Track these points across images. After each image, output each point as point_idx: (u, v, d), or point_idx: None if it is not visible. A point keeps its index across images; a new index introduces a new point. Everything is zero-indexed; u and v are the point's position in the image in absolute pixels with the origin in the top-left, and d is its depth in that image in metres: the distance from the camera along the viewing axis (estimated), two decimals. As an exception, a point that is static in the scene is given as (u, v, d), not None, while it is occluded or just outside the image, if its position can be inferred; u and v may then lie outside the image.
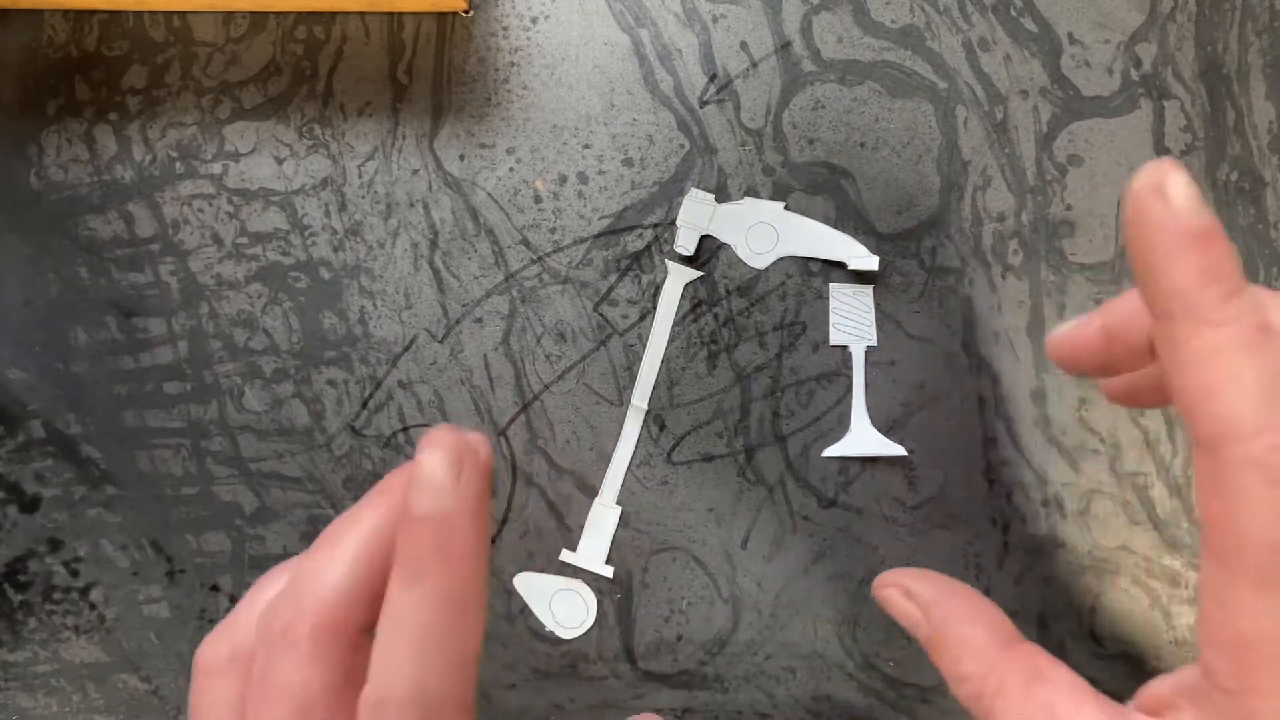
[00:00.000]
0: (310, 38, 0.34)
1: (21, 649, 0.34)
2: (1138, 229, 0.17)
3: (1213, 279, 0.16)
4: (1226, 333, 0.16)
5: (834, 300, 0.33)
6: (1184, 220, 0.16)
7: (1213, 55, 0.33)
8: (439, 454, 0.17)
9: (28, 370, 0.34)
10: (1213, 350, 0.16)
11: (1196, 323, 0.16)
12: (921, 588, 0.22)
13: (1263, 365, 0.16)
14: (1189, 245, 0.16)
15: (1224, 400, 0.16)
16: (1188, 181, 0.16)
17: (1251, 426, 0.16)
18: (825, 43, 0.33)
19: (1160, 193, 0.16)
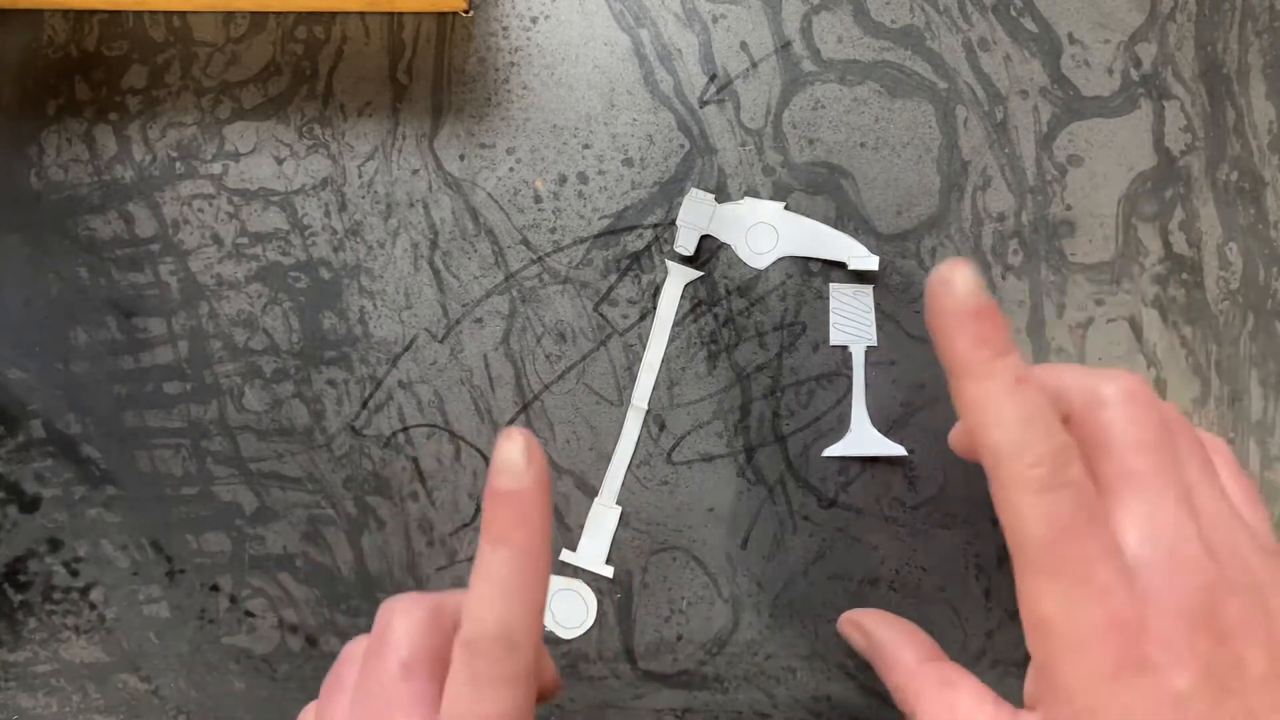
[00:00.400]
0: (310, 38, 0.34)
1: (21, 649, 0.34)
2: (931, 311, 0.22)
3: (983, 344, 0.21)
4: (993, 384, 0.21)
5: (834, 300, 0.33)
6: (961, 303, 0.22)
7: (1213, 55, 0.33)
8: (514, 443, 0.22)
9: (28, 370, 0.34)
10: (985, 396, 0.21)
11: (971, 378, 0.22)
12: (867, 621, 0.29)
13: (1019, 404, 0.21)
14: (965, 321, 0.22)
15: (994, 432, 0.21)
16: (969, 273, 0.22)
17: (1013, 451, 0.21)
18: (825, 43, 0.33)
19: (947, 283, 0.22)
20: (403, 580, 0.33)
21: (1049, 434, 0.21)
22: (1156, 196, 0.33)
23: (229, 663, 0.34)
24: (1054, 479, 0.21)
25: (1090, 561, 0.21)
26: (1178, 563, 0.21)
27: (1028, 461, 0.21)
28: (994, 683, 0.24)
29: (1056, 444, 0.21)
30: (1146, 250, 0.33)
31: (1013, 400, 0.21)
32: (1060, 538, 0.21)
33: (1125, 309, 0.33)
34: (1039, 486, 0.21)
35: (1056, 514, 0.21)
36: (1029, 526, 0.21)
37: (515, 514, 0.22)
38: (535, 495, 0.22)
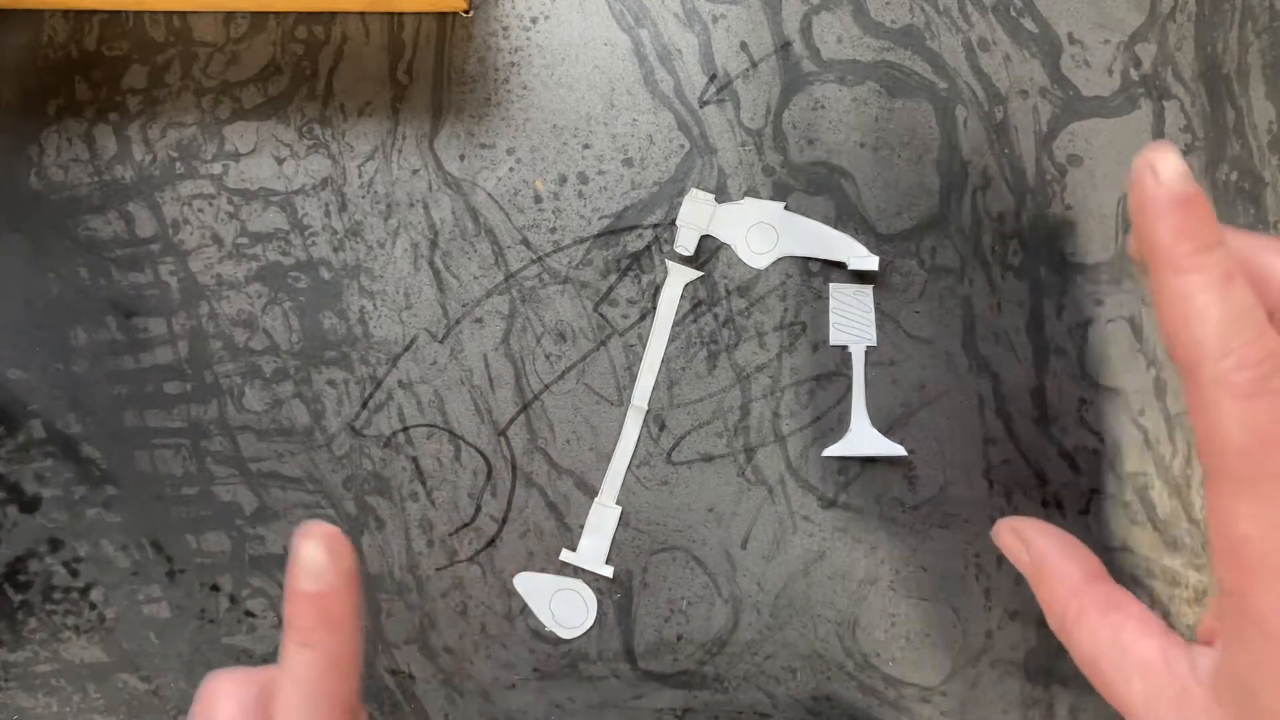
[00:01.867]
0: (310, 38, 0.34)
1: (21, 649, 0.34)
2: (1134, 197, 0.21)
3: (1188, 236, 0.20)
4: (1197, 278, 0.20)
5: (834, 300, 0.33)
6: (1167, 191, 0.20)
7: (1213, 55, 0.33)
8: (315, 542, 0.22)
9: (28, 370, 0.34)
10: (1186, 292, 0.20)
11: (1174, 271, 0.20)
12: (1029, 530, 0.26)
13: (1226, 301, 0.20)
14: (1170, 210, 0.20)
15: (1194, 330, 0.20)
16: (1175, 159, 0.20)
17: (1218, 351, 0.19)
18: (825, 43, 0.33)
19: (1152, 168, 0.20)
20: (403, 580, 0.33)
21: (1258, 336, 0.19)
22: (1156, 196, 0.33)
23: (229, 663, 0.34)
24: (1261, 384, 0.19)
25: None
26: None
27: (1232, 363, 0.19)
28: (994, 682, 0.24)
29: (1266, 347, 0.19)
30: (1146, 250, 0.33)
31: (1219, 297, 0.20)
32: (1264, 449, 0.19)
33: (1125, 309, 0.33)
34: (1244, 391, 0.19)
35: (1261, 422, 0.19)
36: (1229, 433, 0.19)
37: (319, 616, 0.22)
38: (340, 596, 0.22)
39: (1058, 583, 0.24)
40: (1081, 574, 0.24)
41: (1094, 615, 0.23)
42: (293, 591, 0.22)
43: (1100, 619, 0.23)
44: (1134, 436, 0.33)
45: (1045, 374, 0.33)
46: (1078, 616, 0.23)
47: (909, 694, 0.33)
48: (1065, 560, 0.24)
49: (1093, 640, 0.22)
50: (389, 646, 0.33)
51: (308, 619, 0.22)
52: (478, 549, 0.33)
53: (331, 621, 0.22)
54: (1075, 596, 0.23)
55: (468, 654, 0.33)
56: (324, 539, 0.22)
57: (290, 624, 0.22)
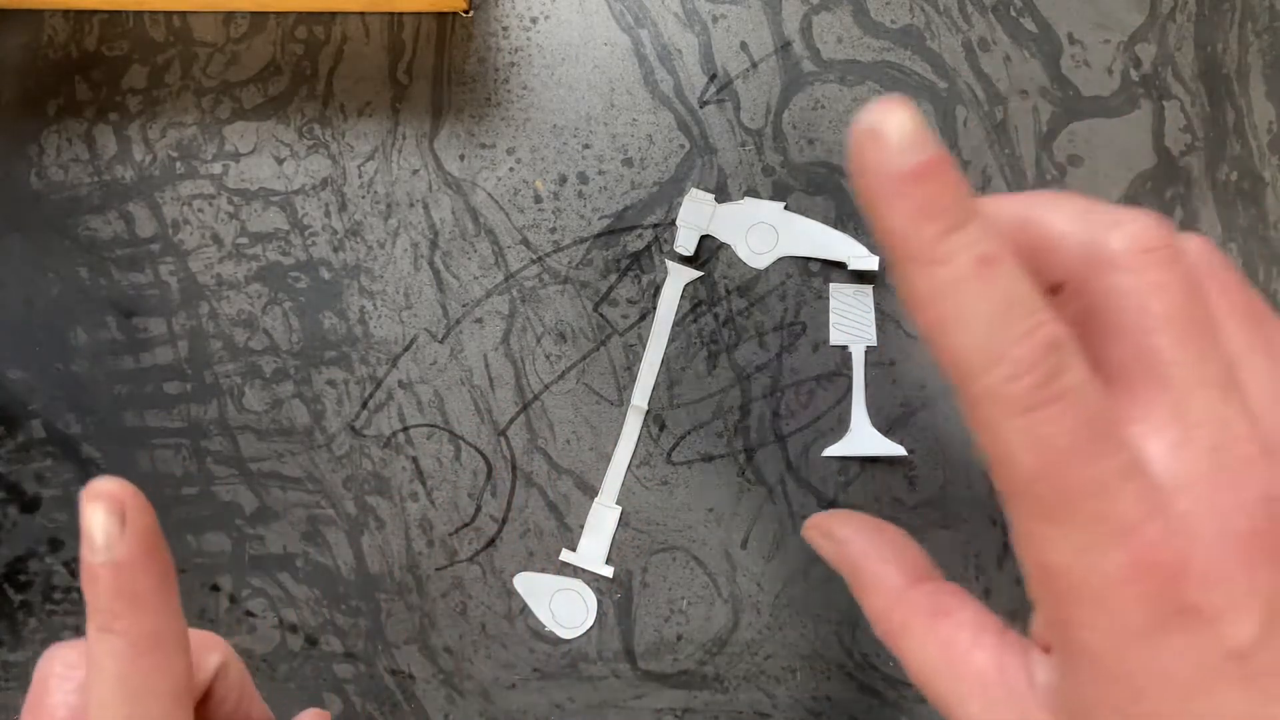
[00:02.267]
0: (310, 38, 0.34)
1: (21, 649, 0.34)
2: (857, 175, 0.16)
3: (929, 217, 0.16)
4: (947, 270, 0.16)
5: (834, 300, 0.33)
6: (897, 161, 0.15)
7: (1213, 55, 0.33)
8: (100, 505, 0.18)
9: (28, 370, 0.34)
10: (937, 289, 0.16)
11: (917, 263, 0.16)
12: (839, 528, 0.22)
13: (985, 296, 0.15)
14: (903, 187, 0.16)
15: (954, 337, 0.16)
16: (904, 119, 0.15)
17: (985, 359, 0.15)
18: (825, 43, 0.33)
19: (875, 135, 0.16)
20: (403, 580, 0.33)
21: (1033, 329, 0.15)
22: (1156, 196, 0.33)
23: (229, 663, 0.34)
24: (1042, 392, 0.15)
25: (1103, 490, 0.15)
26: (1224, 471, 0.16)
27: (1005, 374, 0.15)
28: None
29: (1043, 341, 0.15)
30: (1146, 250, 0.33)
31: (978, 291, 0.15)
32: (1058, 466, 0.15)
33: (1125, 309, 0.33)
34: (1023, 405, 0.15)
35: (1050, 436, 0.15)
36: (1015, 455, 0.16)
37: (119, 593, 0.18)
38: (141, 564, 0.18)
39: (876, 591, 0.21)
40: (903, 577, 0.20)
41: (920, 626, 0.19)
42: (83, 568, 0.18)
43: (928, 630, 0.19)
44: (1134, 436, 0.33)
45: (1045, 374, 0.33)
46: (903, 628, 0.20)
47: (909, 694, 0.33)
48: (883, 562, 0.21)
49: (922, 654, 0.19)
50: (389, 646, 0.33)
51: (104, 598, 0.18)
52: (478, 549, 0.33)
53: (133, 597, 0.18)
54: (898, 605, 0.20)
55: (468, 654, 0.33)
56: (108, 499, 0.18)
57: (89, 607, 0.18)
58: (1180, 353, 0.16)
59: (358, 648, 0.33)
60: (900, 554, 0.21)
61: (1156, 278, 0.16)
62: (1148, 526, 0.15)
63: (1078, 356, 0.16)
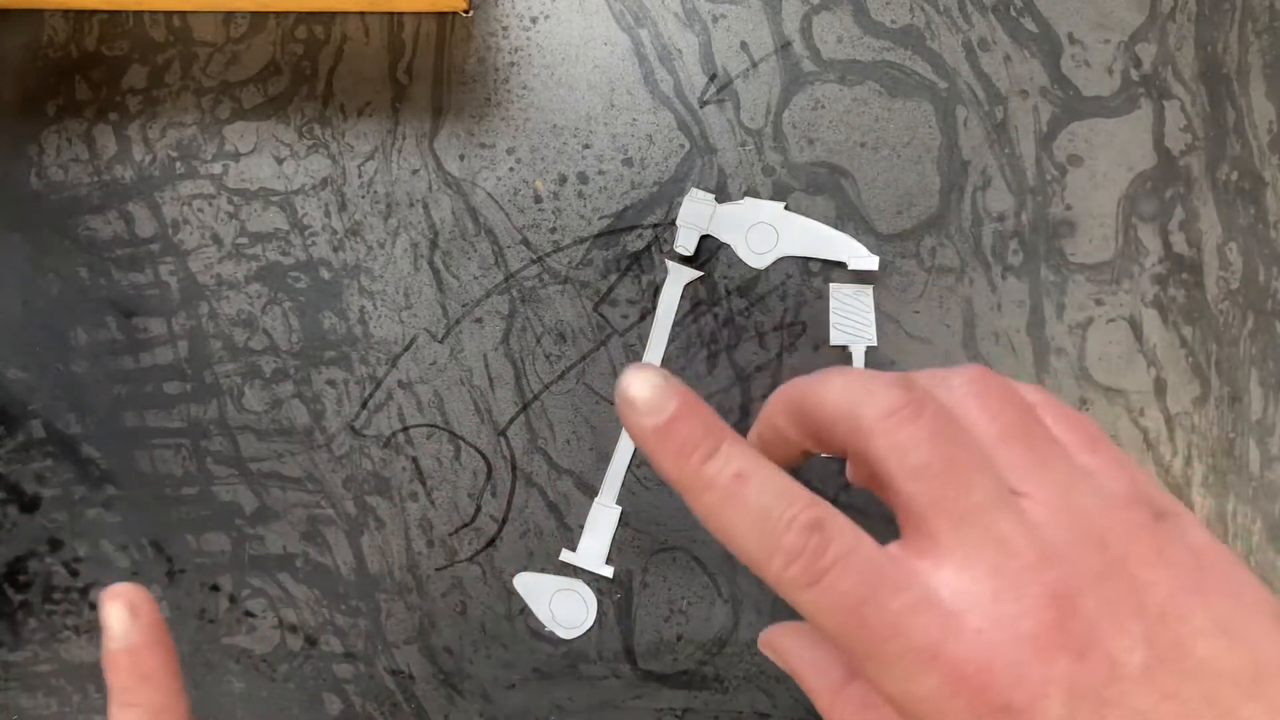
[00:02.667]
0: (310, 38, 0.34)
1: (21, 649, 0.34)
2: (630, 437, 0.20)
3: (687, 453, 0.19)
4: (713, 494, 0.19)
5: (834, 300, 0.33)
6: (652, 419, 0.19)
7: (1213, 55, 0.33)
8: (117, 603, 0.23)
9: (28, 370, 0.34)
10: (711, 508, 0.20)
11: (693, 493, 0.20)
12: (782, 640, 0.25)
13: (746, 505, 0.19)
14: (661, 438, 0.19)
15: (736, 543, 0.19)
16: (646, 381, 0.19)
17: (764, 556, 0.19)
18: (825, 43, 0.33)
19: (630, 402, 0.20)
20: (403, 580, 0.33)
21: (790, 520, 0.19)
22: (1156, 196, 0.33)
23: (229, 663, 0.34)
24: (816, 567, 0.18)
25: (897, 628, 0.18)
26: (1008, 583, 0.18)
27: (780, 563, 0.19)
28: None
29: (802, 524, 0.19)
30: (1146, 250, 0.33)
31: (739, 502, 0.19)
32: (853, 620, 0.18)
33: (1125, 309, 0.33)
34: (805, 583, 0.18)
35: (836, 600, 0.18)
36: (821, 621, 0.19)
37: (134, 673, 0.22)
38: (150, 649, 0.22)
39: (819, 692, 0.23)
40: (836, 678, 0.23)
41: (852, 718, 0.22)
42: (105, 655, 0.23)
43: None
44: (1134, 436, 0.33)
45: (1045, 374, 0.33)
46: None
47: (909, 694, 0.33)
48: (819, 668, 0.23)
49: None
50: (389, 646, 0.33)
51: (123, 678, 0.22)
52: (478, 549, 0.33)
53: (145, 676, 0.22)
54: (835, 703, 0.23)
55: (468, 654, 0.33)
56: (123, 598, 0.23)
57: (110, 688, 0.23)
58: (939, 493, 0.19)
59: (357, 648, 0.33)
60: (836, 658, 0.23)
61: (903, 436, 0.19)
62: (948, 647, 0.18)
63: (841, 525, 0.19)
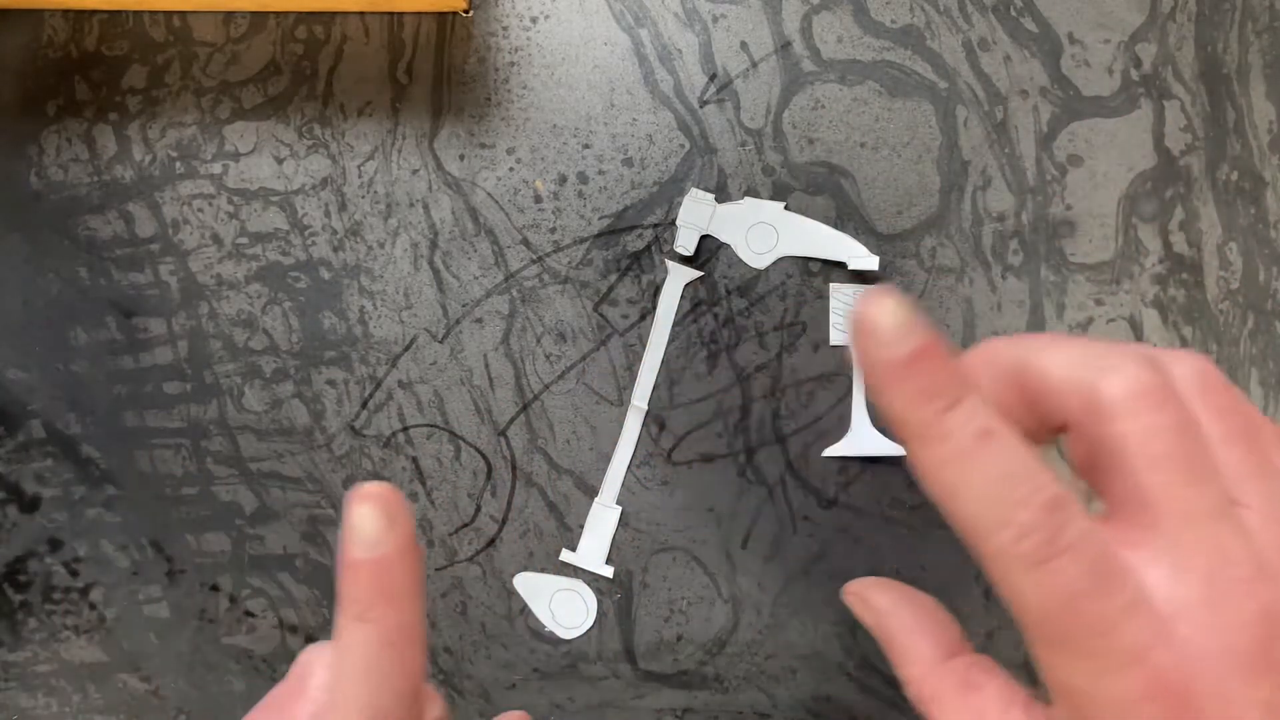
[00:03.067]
0: (310, 38, 0.34)
1: (21, 649, 0.34)
2: (859, 364, 0.18)
3: (927, 399, 0.17)
4: (949, 446, 0.18)
5: (834, 300, 0.33)
6: (891, 351, 0.17)
7: (1213, 55, 0.33)
8: (371, 505, 0.20)
9: (28, 370, 0.34)
10: (941, 463, 0.18)
11: (923, 441, 0.18)
12: (877, 598, 0.24)
13: (986, 468, 0.17)
14: (900, 374, 0.18)
15: (962, 505, 0.18)
16: (891, 307, 0.17)
17: (990, 525, 0.17)
18: (825, 43, 0.33)
19: (869, 328, 0.18)
20: (403, 580, 0.33)
21: (1032, 494, 0.17)
22: (1156, 196, 0.33)
23: (229, 663, 0.34)
24: (1047, 549, 0.17)
25: (1110, 626, 0.17)
26: (1220, 594, 0.17)
27: (1011, 535, 0.17)
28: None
29: (1043, 503, 0.17)
30: (1146, 250, 0.33)
31: (978, 464, 0.17)
32: (1068, 608, 0.17)
33: (1125, 309, 0.33)
34: (1030, 561, 0.17)
35: (1058, 585, 0.17)
36: (1027, 603, 0.18)
37: (377, 586, 0.20)
38: (402, 562, 0.20)
39: (911, 662, 0.22)
40: (936, 651, 0.22)
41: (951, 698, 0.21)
42: (346, 559, 0.20)
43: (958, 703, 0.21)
44: (1134, 436, 0.33)
45: (1045, 374, 0.33)
46: (933, 699, 0.21)
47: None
48: (917, 636, 0.22)
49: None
50: (389, 646, 0.33)
51: (364, 590, 0.20)
52: (478, 549, 0.33)
53: (390, 592, 0.19)
54: (930, 676, 0.21)
55: (467, 654, 0.33)
56: (380, 501, 0.20)
57: (344, 596, 0.20)
58: (1175, 489, 0.18)
59: (358, 648, 0.33)
60: (934, 627, 0.22)
61: (1149, 421, 0.18)
62: (1155, 652, 0.17)
63: (1077, 510, 0.17)
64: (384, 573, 0.19)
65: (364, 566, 0.19)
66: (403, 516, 0.20)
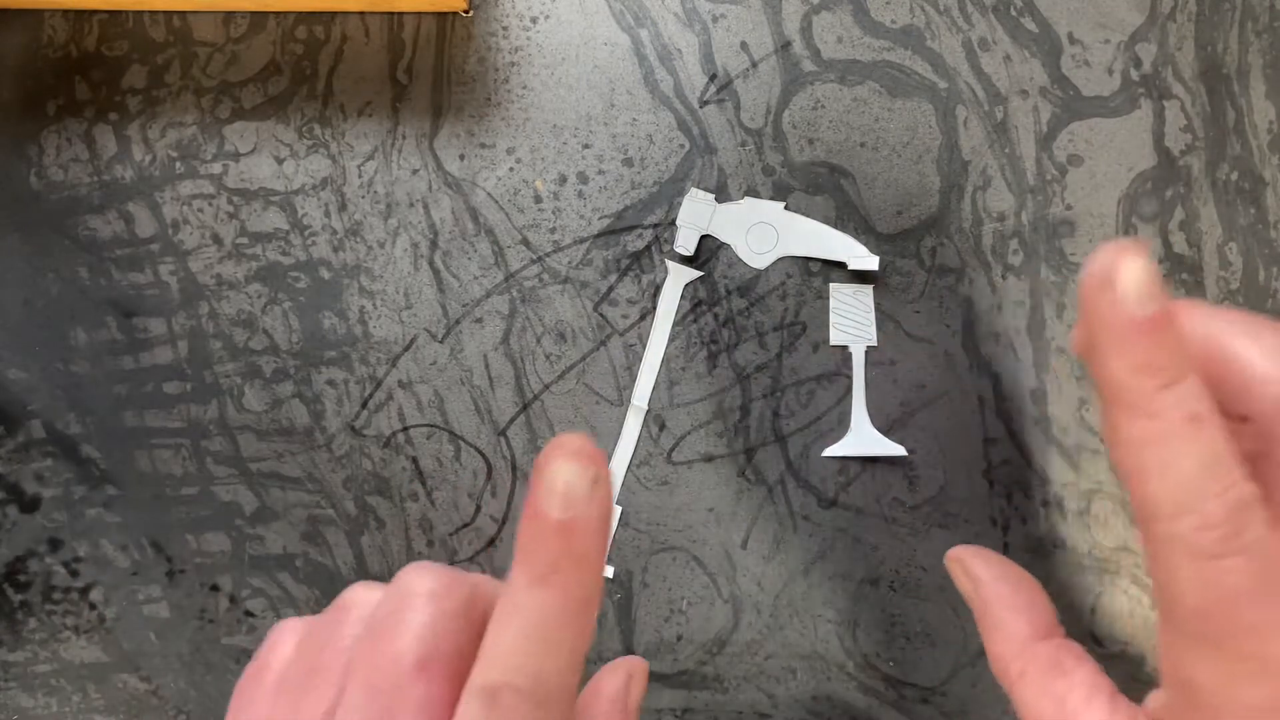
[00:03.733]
0: (310, 38, 0.34)
1: (21, 649, 0.34)
2: (1086, 315, 0.18)
3: (1149, 372, 0.17)
4: (1157, 424, 0.17)
5: (834, 300, 0.33)
6: (1127, 313, 0.17)
7: (1213, 55, 0.33)
8: (577, 463, 0.18)
9: (28, 370, 0.34)
10: (1144, 439, 0.17)
11: (1129, 412, 0.17)
12: (978, 568, 0.24)
13: (1188, 454, 0.17)
14: (1129, 339, 0.17)
15: (1153, 484, 0.17)
16: (1140, 268, 0.17)
17: (1175, 509, 0.17)
18: (825, 43, 0.33)
19: (1108, 282, 0.17)
20: (403, 580, 0.33)
21: (1224, 489, 0.17)
22: (1156, 196, 0.33)
23: (229, 663, 0.34)
24: (1225, 545, 0.17)
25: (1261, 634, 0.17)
26: None
27: (1194, 524, 0.17)
28: (995, 682, 0.24)
29: (1233, 501, 0.17)
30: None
31: (1182, 447, 0.17)
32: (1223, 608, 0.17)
33: (1125, 309, 0.33)
34: (1205, 553, 0.17)
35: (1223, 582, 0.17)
36: (1184, 592, 0.17)
37: (567, 550, 0.18)
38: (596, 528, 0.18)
39: (1002, 638, 0.22)
40: (1029, 630, 0.22)
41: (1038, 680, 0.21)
42: (536, 515, 0.18)
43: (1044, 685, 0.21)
44: (1134, 436, 0.33)
45: (1045, 374, 0.33)
46: (1021, 677, 0.21)
47: (909, 694, 0.33)
48: (1013, 613, 0.22)
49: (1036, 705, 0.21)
50: (389, 646, 0.33)
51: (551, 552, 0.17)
52: (478, 549, 0.33)
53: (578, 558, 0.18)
54: (1020, 655, 0.22)
55: (468, 654, 0.33)
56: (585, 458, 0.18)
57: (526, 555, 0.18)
58: None
59: (358, 648, 0.33)
60: (1030, 606, 0.22)
61: None
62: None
63: (1261, 514, 0.17)
64: (577, 536, 0.18)
65: (557, 528, 0.17)
66: (605, 476, 0.18)
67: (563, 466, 0.18)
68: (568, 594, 0.18)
